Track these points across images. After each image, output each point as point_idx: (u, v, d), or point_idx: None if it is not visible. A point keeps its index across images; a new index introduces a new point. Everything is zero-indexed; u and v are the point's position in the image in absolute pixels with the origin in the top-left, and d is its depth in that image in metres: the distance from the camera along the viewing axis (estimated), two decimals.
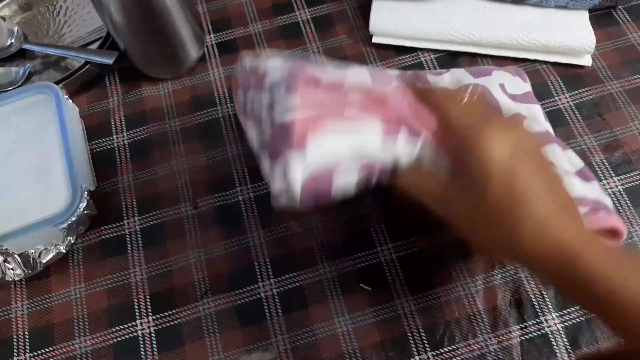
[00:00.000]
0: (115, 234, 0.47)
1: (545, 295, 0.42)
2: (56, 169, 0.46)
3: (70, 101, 0.50)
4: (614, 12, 0.55)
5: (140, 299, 0.44)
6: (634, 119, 0.49)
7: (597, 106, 0.50)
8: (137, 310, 0.44)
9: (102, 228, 0.47)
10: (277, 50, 0.55)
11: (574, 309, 0.42)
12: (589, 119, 0.50)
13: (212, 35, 0.57)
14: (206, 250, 0.46)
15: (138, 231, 0.47)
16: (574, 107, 0.50)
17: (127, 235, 0.47)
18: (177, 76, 0.55)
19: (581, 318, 0.42)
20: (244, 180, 0.49)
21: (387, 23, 0.53)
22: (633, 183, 0.47)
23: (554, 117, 0.50)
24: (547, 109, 0.50)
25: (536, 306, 0.42)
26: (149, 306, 0.44)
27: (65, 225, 0.44)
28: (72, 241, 0.46)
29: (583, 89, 0.51)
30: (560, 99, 0.51)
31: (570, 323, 0.41)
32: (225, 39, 0.57)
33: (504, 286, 0.43)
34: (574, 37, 0.51)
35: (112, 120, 0.53)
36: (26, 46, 0.56)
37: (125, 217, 0.48)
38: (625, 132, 0.49)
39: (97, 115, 0.53)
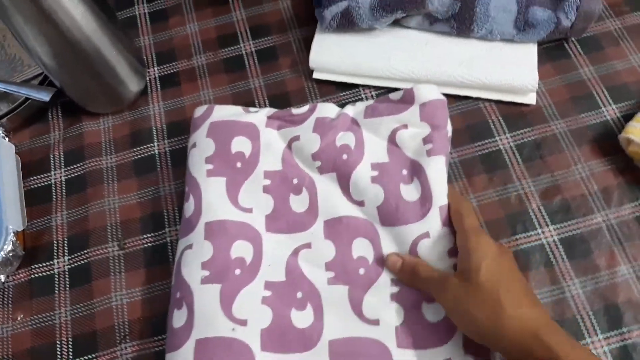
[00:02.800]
0: (44, 274, 0.48)
1: None
2: None
3: (6, 140, 0.51)
4: (565, 44, 0.52)
5: (63, 342, 0.45)
6: (577, 162, 0.47)
7: (538, 147, 0.48)
8: (58, 353, 0.44)
9: (32, 267, 0.48)
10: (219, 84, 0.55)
11: None
12: (529, 161, 0.48)
13: (155, 68, 0.56)
14: (129, 293, 0.46)
15: (66, 271, 0.47)
16: (514, 148, 0.48)
17: (56, 275, 0.47)
18: (118, 110, 0.54)
19: None
20: (173, 221, 0.48)
21: (327, 58, 0.52)
22: (569, 233, 0.45)
23: (493, 159, 0.48)
24: (486, 150, 0.48)
25: None
26: (70, 349, 0.44)
27: None
28: (3, 280, 0.47)
29: (525, 129, 0.49)
30: (500, 139, 0.49)
31: None
32: (168, 72, 0.56)
33: None
34: (516, 74, 0.49)
35: (52, 156, 0.53)
36: None
37: (55, 256, 0.48)
38: (567, 177, 0.47)
39: (37, 151, 0.53)
